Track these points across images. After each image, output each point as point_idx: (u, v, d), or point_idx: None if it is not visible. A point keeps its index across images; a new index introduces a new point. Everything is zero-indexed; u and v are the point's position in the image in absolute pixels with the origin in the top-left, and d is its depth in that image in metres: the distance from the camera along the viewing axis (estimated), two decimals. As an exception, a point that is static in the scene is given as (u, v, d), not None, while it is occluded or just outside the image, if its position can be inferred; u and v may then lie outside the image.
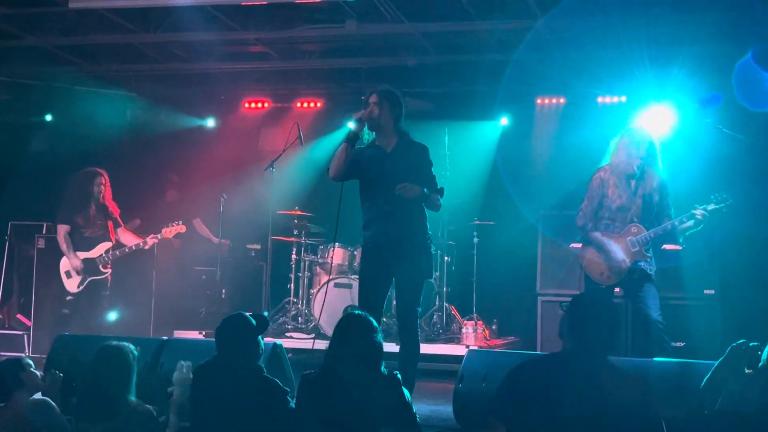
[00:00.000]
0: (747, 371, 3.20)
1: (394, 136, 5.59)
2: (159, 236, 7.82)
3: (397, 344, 5.60)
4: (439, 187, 5.59)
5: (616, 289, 6.46)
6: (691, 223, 6.18)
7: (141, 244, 7.78)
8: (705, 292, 7.49)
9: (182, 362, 4.59)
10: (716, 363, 3.26)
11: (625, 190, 6.26)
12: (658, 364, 5.01)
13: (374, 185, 5.53)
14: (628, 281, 6.24)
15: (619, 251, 6.21)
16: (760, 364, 3.08)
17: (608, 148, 6.46)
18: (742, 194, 6.50)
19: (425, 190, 5.42)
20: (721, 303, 7.47)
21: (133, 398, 4.34)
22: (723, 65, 7.43)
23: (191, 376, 4.41)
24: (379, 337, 3.95)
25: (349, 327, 3.96)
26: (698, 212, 6.16)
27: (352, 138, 5.52)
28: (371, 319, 3.99)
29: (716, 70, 7.58)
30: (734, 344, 3.25)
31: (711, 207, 6.17)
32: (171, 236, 7.93)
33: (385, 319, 7.80)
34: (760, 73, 7.02)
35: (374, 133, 5.64)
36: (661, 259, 6.50)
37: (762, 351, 3.18)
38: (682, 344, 7.02)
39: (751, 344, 3.23)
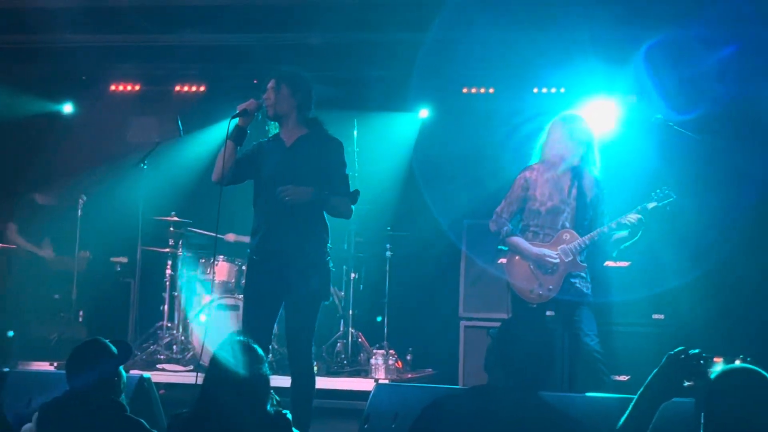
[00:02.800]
0: (687, 384, 3.27)
1: (299, 128, 5.62)
2: None
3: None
4: (352, 189, 5.61)
5: (549, 312, 6.55)
6: (624, 233, 6.23)
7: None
8: (653, 316, 7.65)
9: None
10: (649, 376, 3.33)
11: (558, 190, 6.31)
12: (596, 400, 5.11)
13: (266, 186, 5.54)
14: (561, 301, 6.26)
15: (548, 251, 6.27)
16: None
17: (538, 140, 6.50)
18: (696, 202, 6.69)
19: (323, 192, 5.42)
20: (671, 329, 7.64)
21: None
22: (681, 52, 7.66)
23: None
24: (266, 368, 3.91)
25: (229, 356, 3.91)
26: (630, 217, 6.16)
27: (239, 134, 5.51)
28: (256, 346, 3.95)
29: (673, 58, 7.80)
30: (671, 353, 3.32)
31: (652, 205, 6.20)
32: None
33: (276, 347, 7.77)
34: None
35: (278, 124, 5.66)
36: (603, 278, 6.62)
37: (704, 359, 3.26)
38: (627, 377, 7.16)
39: (691, 352, 3.30)
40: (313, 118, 5.68)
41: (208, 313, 7.99)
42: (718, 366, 3.20)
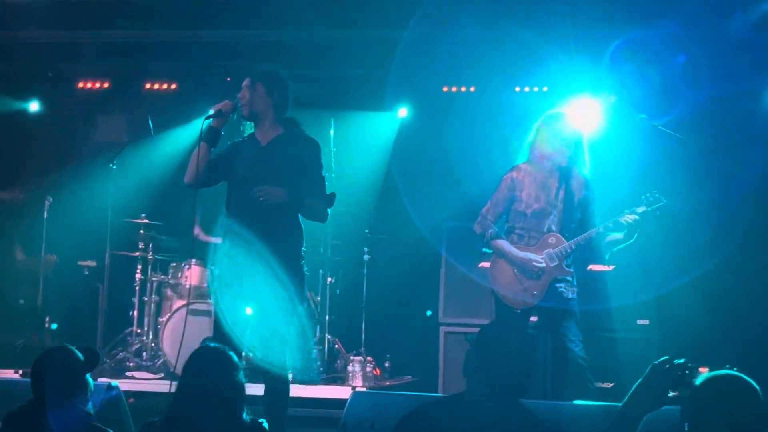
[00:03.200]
0: (671, 394, 3.27)
1: (275, 128, 5.62)
2: None
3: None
4: (329, 192, 5.59)
5: (533, 318, 6.55)
6: (619, 235, 6.27)
7: None
8: (638, 322, 7.68)
9: None
10: (633, 386, 3.33)
11: (544, 191, 6.31)
12: (580, 408, 5.11)
13: (239, 187, 5.51)
14: (545, 307, 6.28)
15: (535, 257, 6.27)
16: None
17: (525, 140, 6.49)
18: (682, 204, 6.70)
19: (298, 194, 5.40)
20: (657, 335, 7.67)
21: None
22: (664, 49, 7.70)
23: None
24: (241, 375, 3.89)
25: (203, 363, 3.88)
26: (627, 217, 6.19)
27: (212, 135, 5.49)
28: (231, 353, 3.93)
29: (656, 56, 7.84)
30: (655, 363, 3.32)
31: (641, 209, 6.22)
32: None
33: (250, 354, 7.74)
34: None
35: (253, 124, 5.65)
36: (587, 283, 6.63)
37: (689, 368, 3.27)
38: (611, 385, 7.18)
39: (676, 361, 3.30)
40: (289, 118, 5.68)
41: (179, 319, 7.93)
42: (703, 376, 3.20)
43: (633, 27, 7.81)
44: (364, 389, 7.72)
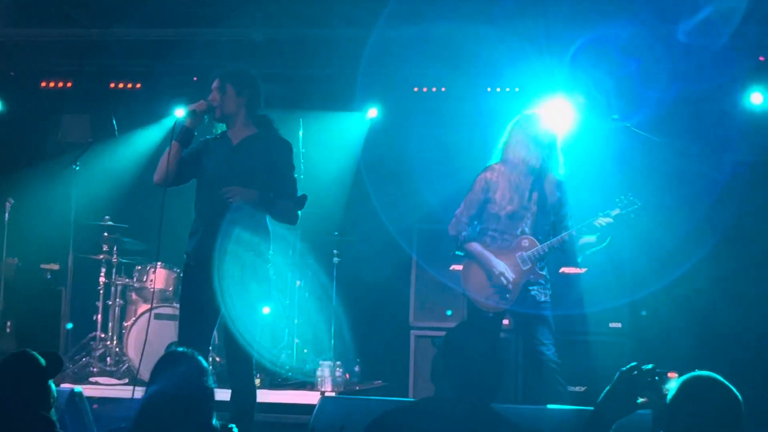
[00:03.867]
0: (640, 400, 3.29)
1: (247, 127, 5.62)
2: None
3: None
4: (300, 194, 5.60)
5: (505, 321, 6.59)
6: (592, 238, 6.32)
7: None
8: (610, 325, 7.73)
9: None
10: (602, 393, 3.35)
11: (518, 193, 6.32)
12: (552, 412, 5.15)
13: (208, 186, 5.51)
14: (518, 310, 6.30)
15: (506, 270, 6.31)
16: (668, 396, 3.18)
17: (498, 141, 6.52)
18: (655, 206, 6.75)
19: (268, 195, 5.41)
20: (629, 338, 7.73)
21: None
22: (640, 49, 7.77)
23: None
24: (210, 380, 3.90)
25: (172, 368, 3.88)
26: (601, 220, 6.24)
27: (186, 136, 5.49)
28: (200, 358, 3.94)
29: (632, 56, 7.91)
30: (623, 369, 3.34)
31: (616, 212, 6.27)
32: None
33: (218, 359, 7.75)
34: None
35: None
36: (558, 285, 6.67)
37: (658, 374, 3.29)
38: (583, 389, 7.23)
39: (644, 367, 3.33)
40: (263, 117, 5.67)
41: (145, 324, 7.91)
42: (673, 381, 3.23)
43: (605, 26, 7.87)
44: (333, 394, 7.74)
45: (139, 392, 5.24)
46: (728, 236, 8.10)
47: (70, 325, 8.80)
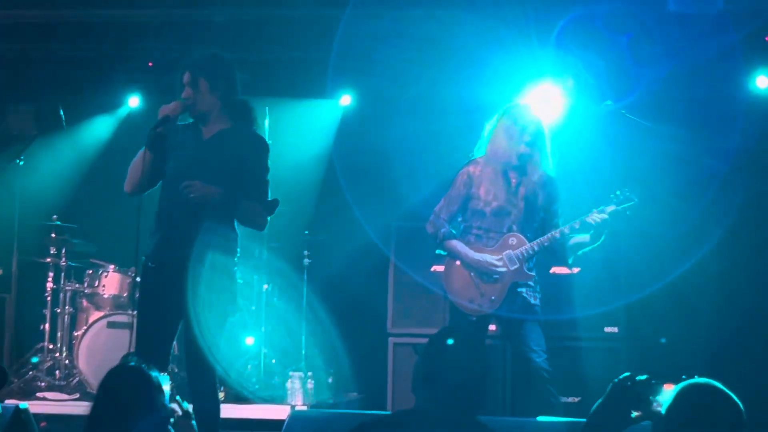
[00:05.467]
0: (634, 414, 3.30)
1: (222, 120, 5.56)
2: None
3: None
4: (271, 198, 5.57)
5: (491, 326, 6.59)
6: (585, 237, 6.32)
7: None
8: (606, 329, 7.75)
9: None
10: (594, 406, 3.36)
11: (504, 188, 6.32)
12: (543, 425, 5.16)
13: (172, 182, 5.45)
14: (505, 313, 6.29)
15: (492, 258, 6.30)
16: (664, 406, 3.19)
17: (482, 132, 6.50)
18: (651, 199, 6.77)
19: (234, 194, 5.38)
20: (626, 343, 7.75)
21: None
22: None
23: None
24: (165, 398, 3.87)
25: (119, 385, 3.85)
26: (595, 217, 6.20)
27: (158, 142, 5.43)
28: (153, 372, 3.91)
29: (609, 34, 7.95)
30: (616, 380, 3.35)
31: (611, 208, 6.24)
32: None
33: (176, 370, 7.72)
34: None
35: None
36: (548, 287, 6.68)
37: (653, 386, 3.30)
38: (577, 399, 7.25)
39: (638, 378, 3.33)
40: (241, 105, 5.60)
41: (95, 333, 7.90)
42: (668, 393, 3.23)
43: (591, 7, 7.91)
44: (304, 408, 7.75)
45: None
46: (732, 231, 8.13)
47: (35, 359, 8.65)
